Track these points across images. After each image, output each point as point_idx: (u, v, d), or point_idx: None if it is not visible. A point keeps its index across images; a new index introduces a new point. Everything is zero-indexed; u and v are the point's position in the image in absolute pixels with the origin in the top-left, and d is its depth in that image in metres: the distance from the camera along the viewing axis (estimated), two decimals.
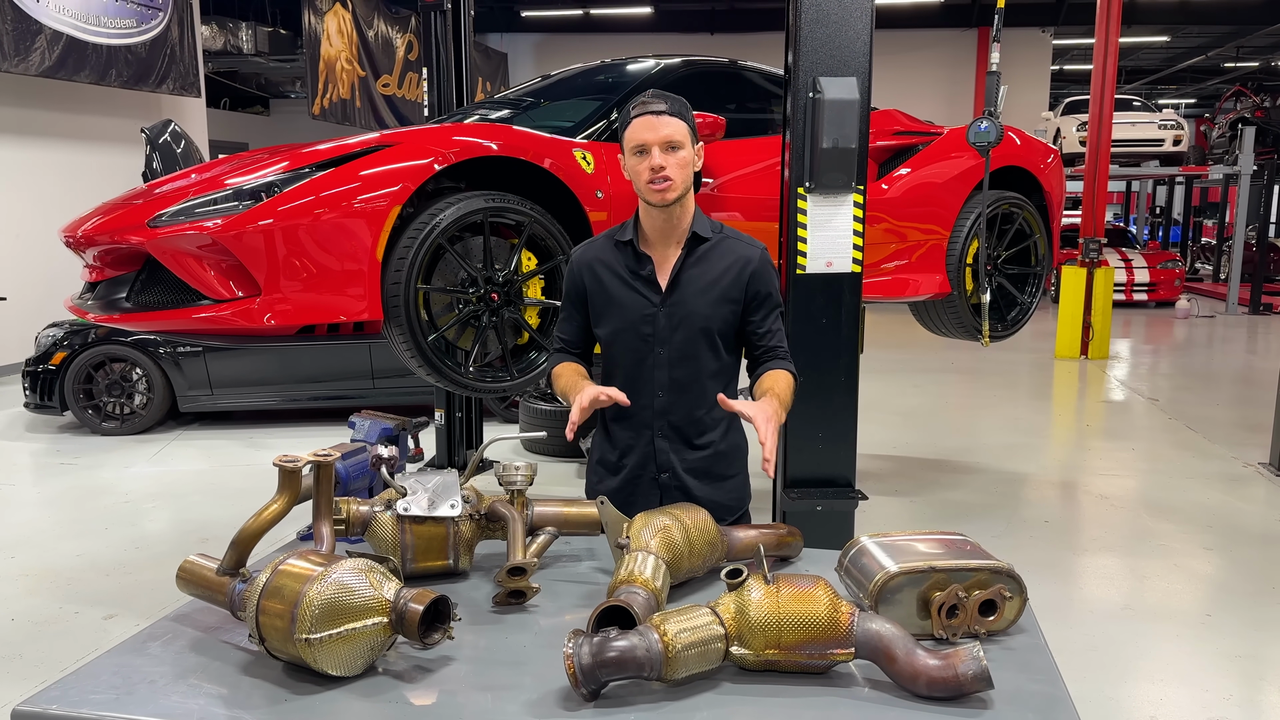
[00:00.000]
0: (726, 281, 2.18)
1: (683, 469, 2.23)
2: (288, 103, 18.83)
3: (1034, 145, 5.23)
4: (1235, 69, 22.74)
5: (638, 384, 2.21)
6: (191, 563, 1.74)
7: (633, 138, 2.10)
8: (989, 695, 1.42)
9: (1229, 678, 3.45)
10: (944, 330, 5.24)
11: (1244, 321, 14.20)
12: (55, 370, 6.86)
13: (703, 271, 2.18)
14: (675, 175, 2.08)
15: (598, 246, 2.28)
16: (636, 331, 2.20)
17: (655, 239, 2.20)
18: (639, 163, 2.10)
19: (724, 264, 2.19)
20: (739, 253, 2.20)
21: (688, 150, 2.10)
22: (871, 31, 3.25)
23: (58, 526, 5.12)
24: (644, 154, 2.09)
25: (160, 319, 3.21)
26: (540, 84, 4.84)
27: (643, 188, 2.11)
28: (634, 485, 2.25)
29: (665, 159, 2.07)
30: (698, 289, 2.18)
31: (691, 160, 2.12)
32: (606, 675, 1.40)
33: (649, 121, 2.08)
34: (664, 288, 2.18)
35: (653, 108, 2.09)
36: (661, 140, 2.07)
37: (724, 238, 2.22)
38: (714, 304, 2.17)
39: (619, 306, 2.21)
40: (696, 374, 2.20)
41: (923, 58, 18.40)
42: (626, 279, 2.21)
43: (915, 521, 5.11)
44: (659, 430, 2.23)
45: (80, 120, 9.89)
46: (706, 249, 2.19)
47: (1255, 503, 5.50)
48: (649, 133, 2.08)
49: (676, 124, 2.09)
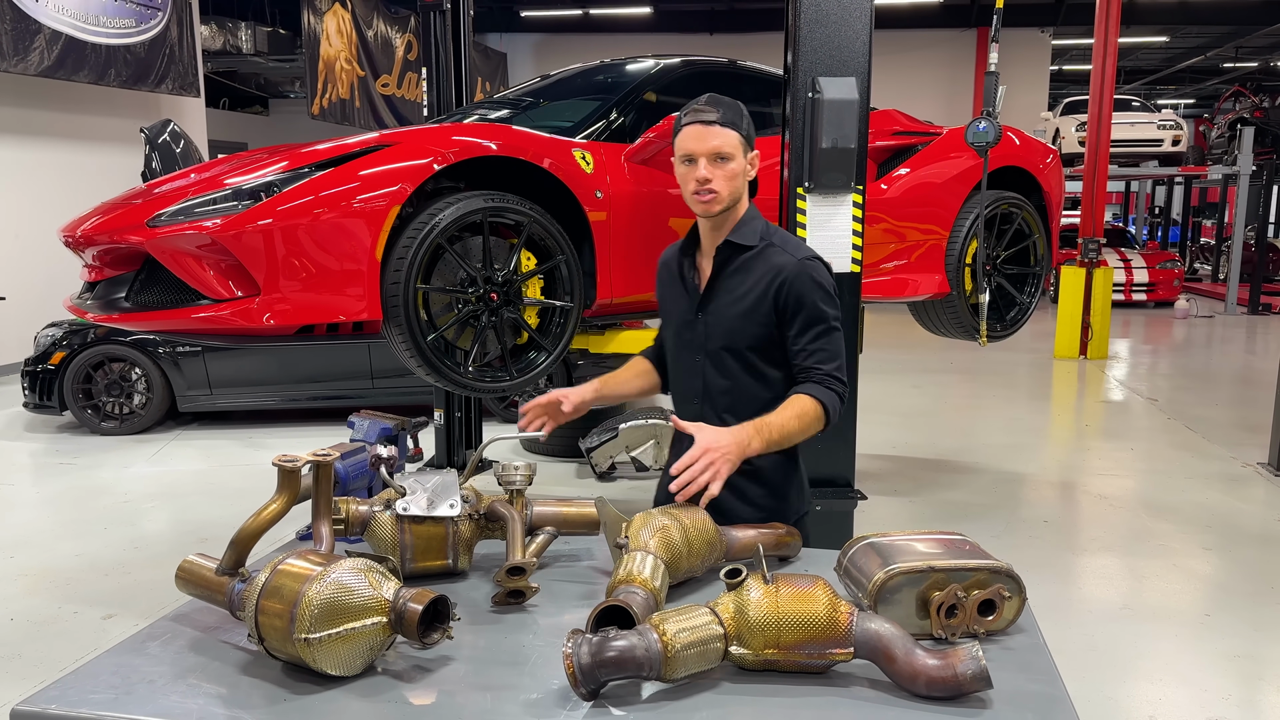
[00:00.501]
0: (754, 296, 2.07)
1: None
2: (287, 103, 18.83)
3: (1033, 145, 5.23)
4: (1234, 69, 22.75)
5: (682, 387, 2.23)
6: (190, 562, 1.74)
7: (681, 146, 2.05)
8: (988, 695, 1.42)
9: (1228, 677, 3.46)
10: (943, 330, 5.24)
11: (1243, 321, 14.21)
12: (54, 370, 6.86)
13: (737, 283, 2.10)
14: (721, 187, 2.02)
15: (673, 249, 2.28)
16: (680, 335, 2.20)
17: (706, 245, 2.18)
18: (687, 172, 2.05)
19: (755, 276, 2.08)
20: (774, 262, 2.07)
21: (738, 161, 2.04)
22: (871, 31, 3.25)
23: (57, 526, 5.12)
24: (692, 164, 2.03)
25: (159, 319, 3.21)
26: (539, 84, 4.84)
27: (688, 197, 2.07)
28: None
29: (711, 171, 2.01)
30: (728, 302, 2.11)
31: (742, 170, 2.06)
32: (606, 675, 1.40)
33: (698, 131, 2.02)
34: (700, 296, 2.15)
35: (704, 117, 2.02)
36: (709, 151, 2.01)
37: (768, 245, 2.10)
38: (741, 319, 2.08)
39: (669, 307, 2.23)
40: (730, 386, 2.14)
41: (922, 58, 18.40)
42: (679, 281, 2.20)
43: (914, 521, 5.12)
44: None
45: (79, 120, 9.89)
46: (748, 258, 2.10)
47: (1254, 503, 5.50)
48: (697, 143, 2.02)
49: (727, 134, 2.02)
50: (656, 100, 4.13)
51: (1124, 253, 16.01)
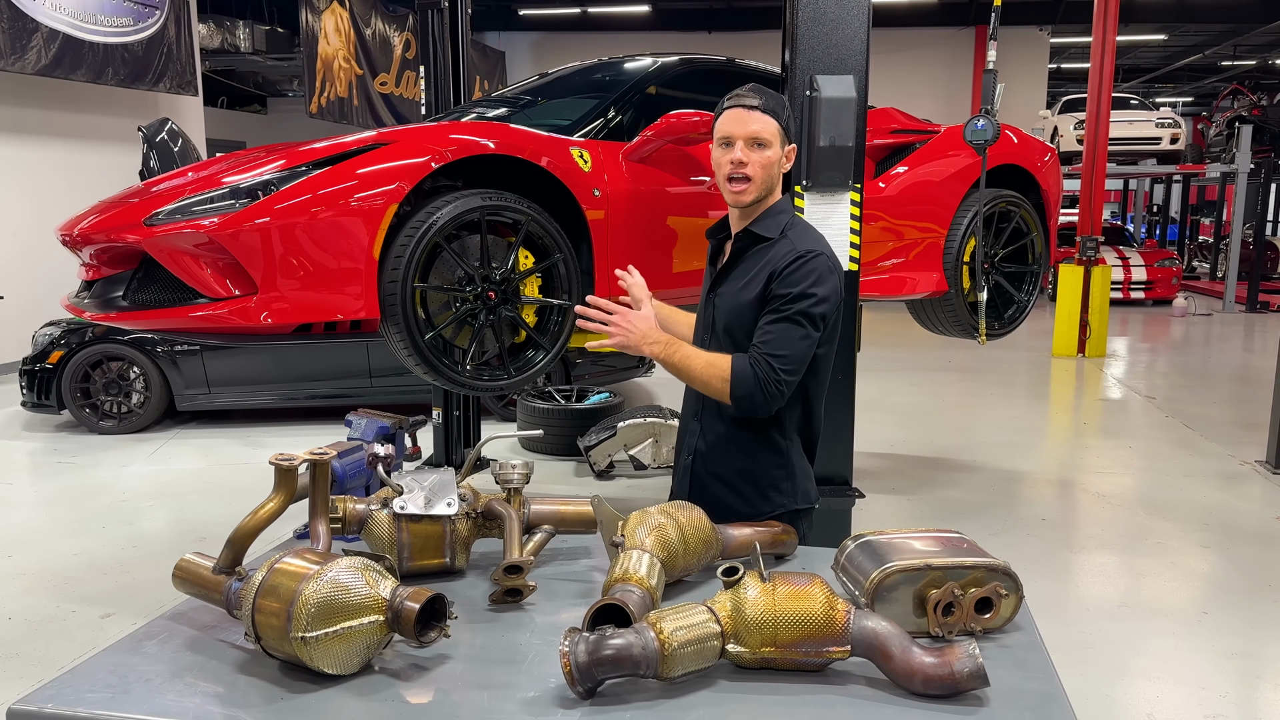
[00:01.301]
0: (753, 286, 2.08)
1: (699, 467, 2.23)
2: (285, 101, 18.81)
3: (1031, 143, 5.23)
4: (1232, 67, 22.76)
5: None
6: (188, 561, 1.74)
7: (721, 128, 2.06)
8: (985, 693, 1.42)
9: (1225, 675, 3.46)
10: (941, 328, 5.24)
11: (1241, 319, 14.22)
12: (52, 369, 6.85)
13: (744, 271, 2.12)
14: (755, 173, 2.03)
15: (719, 223, 2.31)
16: (702, 312, 2.23)
17: (734, 230, 2.20)
18: (722, 155, 2.05)
19: (758, 266, 2.09)
20: (773, 255, 2.07)
21: (775, 150, 2.04)
22: (868, 30, 3.25)
23: (55, 525, 5.11)
24: (728, 146, 2.04)
25: (157, 318, 3.20)
26: (537, 82, 4.83)
27: (722, 182, 2.07)
28: (683, 472, 2.28)
29: (748, 154, 2.02)
30: (734, 289, 2.13)
31: (778, 160, 2.06)
32: (603, 673, 1.40)
33: (739, 115, 2.03)
34: (714, 281, 2.19)
35: (746, 101, 2.03)
36: (748, 135, 2.02)
37: (781, 237, 2.09)
38: (741, 306, 2.10)
39: (700, 291, 2.26)
40: None
41: (920, 56, 18.40)
42: (712, 260, 2.25)
43: (912, 519, 5.12)
44: (696, 414, 2.25)
45: (77, 119, 9.87)
46: (763, 249, 2.11)
47: (1252, 501, 5.51)
48: (736, 126, 2.03)
49: (767, 121, 2.03)
50: (655, 98, 4.13)
51: (1122, 251, 16.01)
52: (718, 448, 2.20)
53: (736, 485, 2.20)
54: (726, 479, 2.20)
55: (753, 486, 2.19)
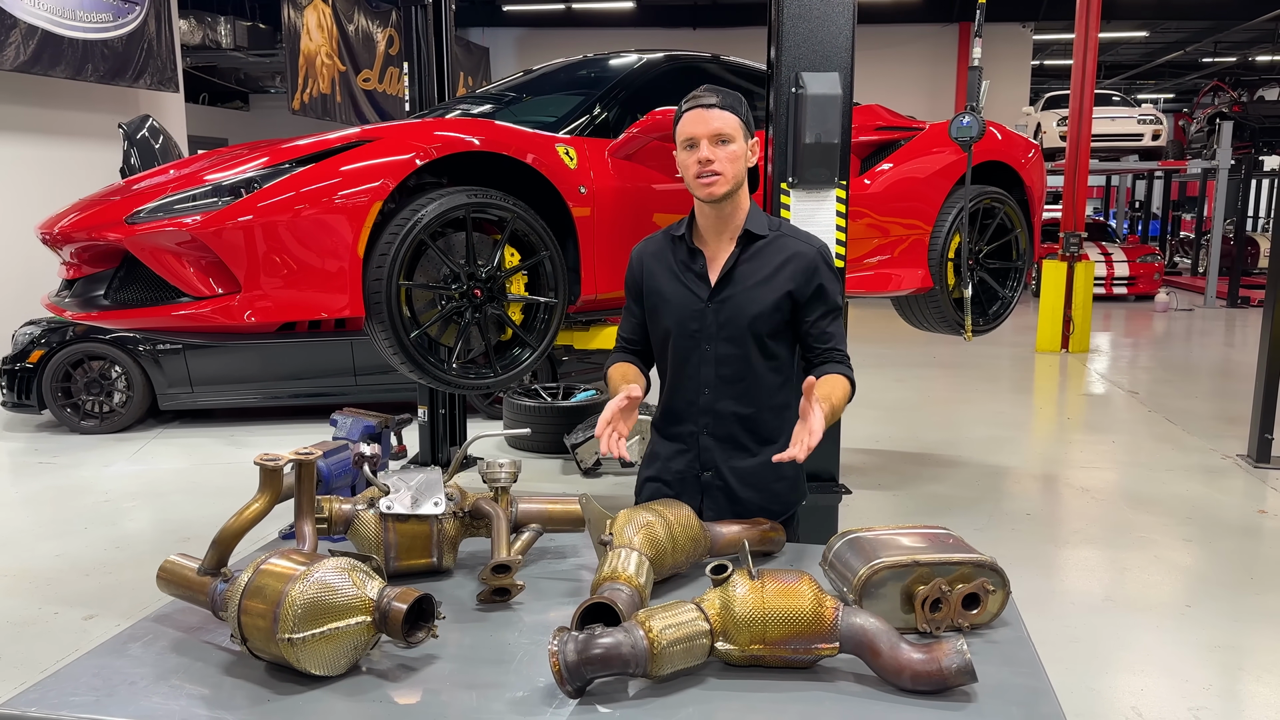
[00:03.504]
0: (780, 279, 2.11)
1: (727, 470, 2.18)
2: (267, 98, 18.68)
3: (1015, 140, 5.25)
4: (1213, 64, 22.94)
5: (684, 380, 2.20)
6: (172, 563, 1.72)
7: (683, 130, 2.08)
8: (973, 688, 1.43)
9: (1209, 668, 3.49)
10: (926, 325, 5.26)
11: (1222, 315, 14.33)
12: (33, 368, 6.79)
13: (755, 269, 2.13)
14: (724, 169, 2.05)
15: (656, 241, 2.26)
16: (684, 327, 2.17)
17: (708, 235, 2.18)
18: (688, 156, 2.07)
19: (778, 261, 2.13)
20: (794, 249, 2.13)
21: (739, 144, 2.07)
22: (854, 26, 3.25)
23: (37, 526, 5.07)
24: (693, 147, 2.06)
25: (139, 317, 3.18)
26: (522, 79, 4.82)
27: (691, 182, 2.08)
28: (681, 483, 2.21)
29: (713, 151, 2.04)
30: (749, 286, 2.13)
31: (743, 154, 2.08)
32: (591, 672, 1.40)
33: (699, 115, 2.06)
34: (714, 284, 2.15)
35: (704, 101, 2.07)
36: (711, 133, 2.04)
37: (780, 235, 2.16)
38: (764, 302, 2.11)
39: (668, 302, 2.19)
40: (744, 372, 2.15)
41: (905, 53, 18.45)
42: (678, 274, 2.19)
43: (898, 515, 5.14)
44: (705, 427, 2.19)
45: (56, 115, 9.78)
46: (761, 246, 2.14)
47: (1234, 494, 5.55)
48: (698, 126, 2.05)
49: (727, 117, 2.05)
50: (640, 95, 4.12)
51: (1105, 247, 16.11)
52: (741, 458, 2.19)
53: (768, 487, 2.19)
54: (759, 485, 2.18)
55: (786, 483, 2.23)
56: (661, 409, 2.28)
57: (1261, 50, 21.78)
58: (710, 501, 2.18)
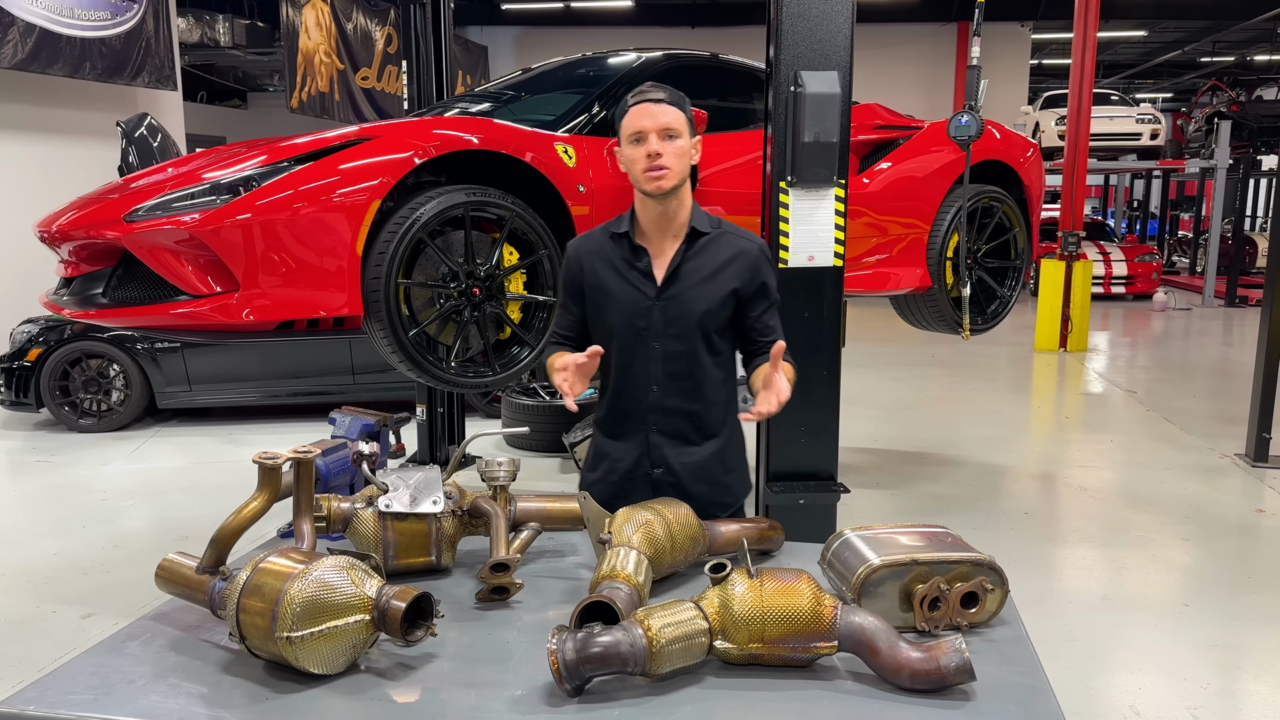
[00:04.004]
0: (725, 275, 2.16)
1: (678, 465, 2.20)
2: (266, 96, 18.66)
3: (1014, 139, 5.25)
4: (1211, 64, 22.95)
5: (631, 378, 2.20)
6: (171, 561, 1.72)
7: (630, 125, 2.09)
8: (971, 687, 1.43)
9: (1207, 667, 3.49)
10: (925, 324, 5.27)
11: (1220, 314, 14.35)
12: (31, 367, 6.79)
13: (700, 265, 2.16)
14: (671, 164, 2.06)
15: (595, 238, 2.26)
16: (631, 325, 2.17)
17: (652, 232, 2.18)
18: (635, 150, 2.08)
19: (722, 258, 2.16)
20: (738, 246, 2.18)
21: (685, 140, 2.09)
22: (853, 25, 3.25)
23: (35, 525, 5.06)
24: (641, 141, 2.07)
25: (137, 315, 3.18)
26: (521, 77, 4.81)
27: (638, 176, 2.09)
28: (629, 481, 2.22)
29: (662, 146, 2.05)
30: (695, 283, 2.15)
31: (689, 151, 2.11)
32: (590, 671, 1.40)
33: (647, 109, 2.07)
34: (660, 281, 2.15)
35: (651, 95, 2.09)
36: (659, 128, 2.06)
37: (722, 232, 2.20)
38: (711, 298, 2.15)
39: (614, 299, 2.18)
40: (692, 368, 2.18)
41: (903, 52, 18.44)
42: (622, 271, 2.18)
43: (897, 514, 5.14)
44: (654, 425, 2.20)
45: (54, 114, 9.76)
46: (705, 243, 2.17)
47: (1231, 494, 5.56)
48: (646, 120, 2.06)
49: (674, 113, 2.08)
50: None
51: (1103, 246, 16.12)
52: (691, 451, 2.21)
53: (718, 480, 2.23)
54: (709, 479, 2.21)
55: (734, 475, 2.28)
56: (607, 409, 2.27)
57: (1260, 50, 21.80)
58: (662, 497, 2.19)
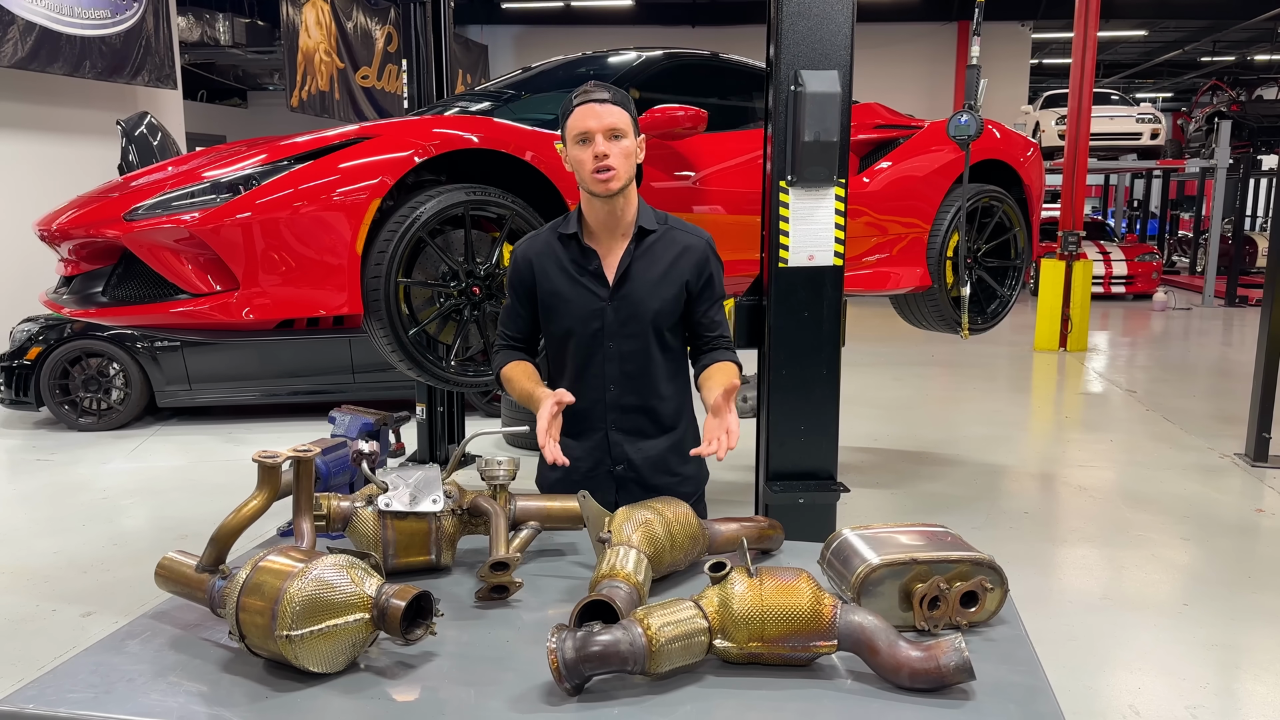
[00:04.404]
0: (675, 272, 2.18)
1: (638, 460, 2.23)
2: (266, 95, 18.66)
3: (1014, 139, 5.25)
4: (1212, 63, 22.94)
5: (588, 379, 2.21)
6: (170, 559, 1.72)
7: (575, 125, 2.08)
8: (971, 686, 1.43)
9: (1206, 666, 3.49)
10: (924, 323, 5.27)
11: (1220, 314, 14.35)
12: (30, 365, 6.79)
13: (649, 264, 2.17)
14: (619, 164, 2.06)
15: (541, 240, 2.24)
16: (585, 326, 2.18)
17: (600, 232, 2.18)
18: (582, 151, 2.07)
19: (670, 255, 2.18)
20: (684, 243, 2.20)
21: (630, 140, 2.08)
22: (853, 25, 3.24)
23: (34, 523, 5.07)
24: (587, 142, 2.06)
25: (137, 313, 3.18)
26: (521, 76, 4.81)
27: (586, 177, 2.09)
28: (590, 480, 2.21)
29: (609, 147, 2.05)
30: (646, 281, 2.16)
31: (634, 151, 2.10)
32: (590, 670, 1.40)
33: (592, 109, 2.06)
34: (612, 282, 2.16)
35: (595, 96, 2.07)
36: (605, 128, 2.05)
37: (669, 228, 2.21)
38: (663, 296, 2.17)
39: (566, 302, 2.18)
40: (646, 366, 2.20)
41: (903, 51, 18.44)
42: (573, 274, 2.18)
43: (896, 514, 5.14)
44: (612, 424, 2.22)
45: (54, 112, 9.76)
46: (652, 240, 2.18)
47: (1231, 493, 5.56)
48: (592, 120, 2.05)
49: (619, 113, 2.07)
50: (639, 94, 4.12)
51: (1103, 245, 16.12)
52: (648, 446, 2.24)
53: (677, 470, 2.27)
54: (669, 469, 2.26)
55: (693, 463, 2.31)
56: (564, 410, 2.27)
57: (1260, 49, 21.80)
58: (624, 494, 2.21)
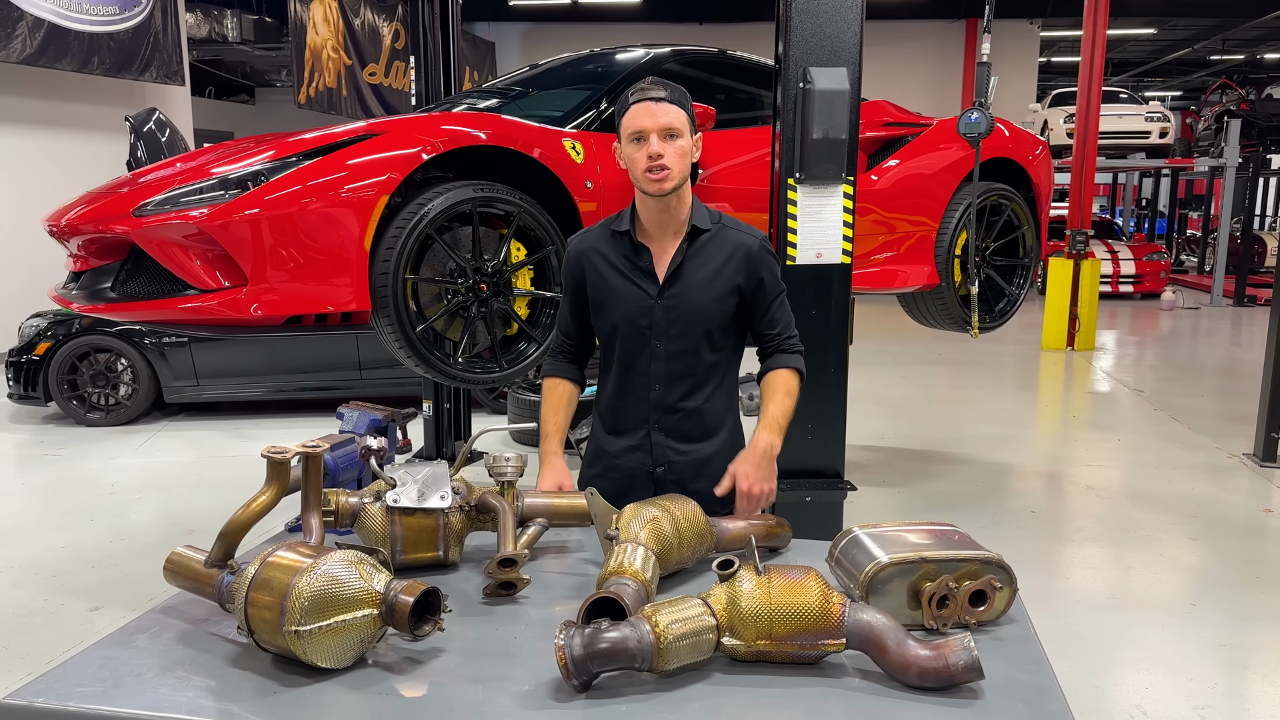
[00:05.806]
0: (727, 272, 2.14)
1: (680, 463, 2.20)
2: (273, 91, 18.68)
3: (1022, 137, 5.24)
4: (1221, 62, 22.84)
5: (634, 377, 2.19)
6: (179, 554, 1.73)
7: (630, 124, 2.06)
8: (979, 685, 1.43)
9: (1214, 666, 3.48)
10: (932, 322, 5.26)
11: (1228, 313, 14.29)
12: (39, 361, 6.81)
13: (702, 263, 2.15)
14: (673, 164, 2.04)
15: (594, 236, 2.24)
16: (633, 324, 2.16)
17: (653, 230, 2.17)
18: (636, 150, 2.05)
19: (723, 255, 2.15)
20: (737, 241, 2.16)
21: (686, 140, 2.06)
22: (862, 22, 3.24)
23: (42, 518, 5.08)
24: (642, 141, 2.04)
25: (145, 309, 3.18)
26: (528, 73, 4.81)
27: (639, 176, 2.07)
28: (631, 480, 2.21)
29: (663, 147, 2.03)
30: (697, 281, 2.14)
31: (690, 150, 2.08)
32: (598, 666, 1.40)
33: (648, 108, 2.04)
34: (662, 280, 2.14)
35: (652, 94, 2.05)
36: (661, 128, 2.03)
37: (722, 228, 2.18)
38: (714, 296, 2.14)
39: (616, 298, 2.17)
40: (693, 367, 2.17)
41: (912, 49, 18.40)
42: (624, 270, 2.17)
43: (903, 512, 5.13)
44: (655, 424, 2.20)
45: (63, 108, 9.79)
46: (705, 240, 2.16)
47: (1239, 493, 5.54)
48: (648, 119, 2.03)
49: (676, 112, 2.05)
50: None
51: (1111, 245, 16.06)
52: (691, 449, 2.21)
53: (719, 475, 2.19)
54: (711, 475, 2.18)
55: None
56: (608, 406, 2.26)
57: (1270, 48, 21.69)
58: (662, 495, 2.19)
